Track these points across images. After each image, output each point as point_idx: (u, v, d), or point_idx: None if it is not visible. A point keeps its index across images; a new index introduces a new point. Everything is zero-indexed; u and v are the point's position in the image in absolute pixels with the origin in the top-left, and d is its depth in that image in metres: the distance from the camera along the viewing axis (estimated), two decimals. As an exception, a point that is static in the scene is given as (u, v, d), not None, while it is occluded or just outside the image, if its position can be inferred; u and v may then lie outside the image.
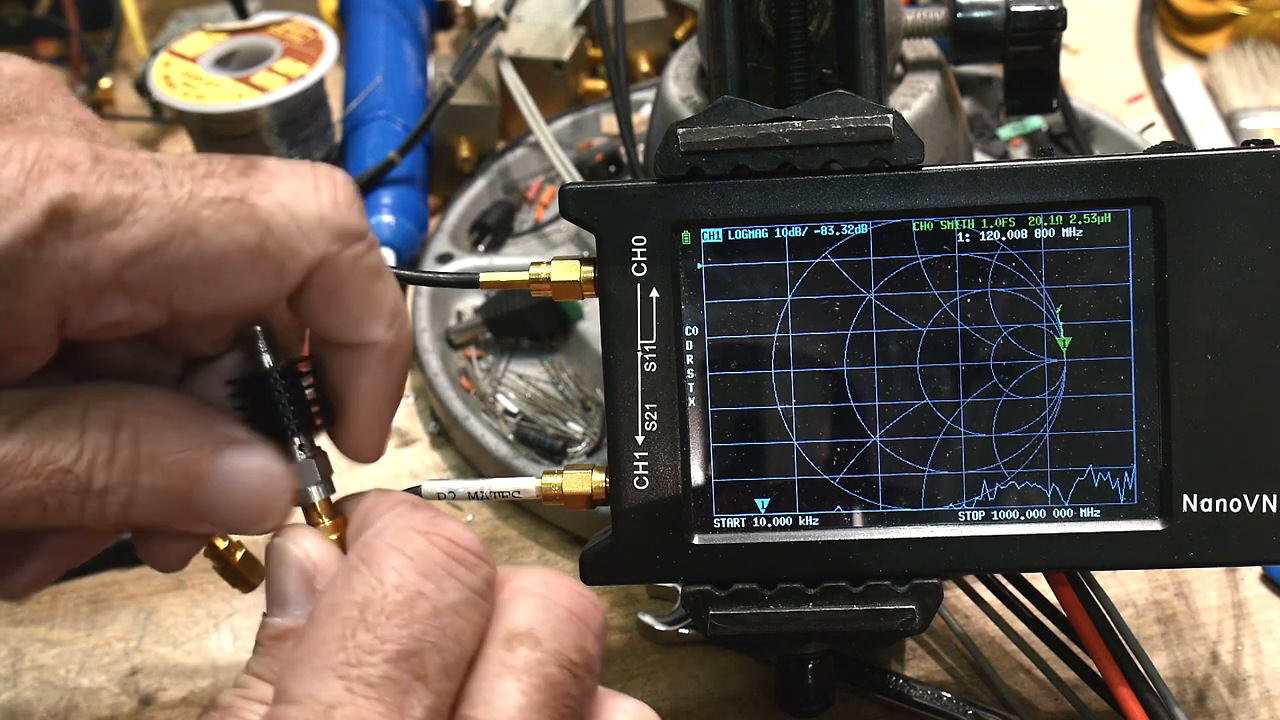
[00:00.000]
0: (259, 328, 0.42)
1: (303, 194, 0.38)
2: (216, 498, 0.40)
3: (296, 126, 0.84)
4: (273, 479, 0.40)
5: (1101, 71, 0.98)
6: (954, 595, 0.60)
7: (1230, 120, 0.90)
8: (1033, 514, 0.48)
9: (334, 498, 0.42)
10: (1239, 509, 0.47)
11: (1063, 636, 0.53)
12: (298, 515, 0.42)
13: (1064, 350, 0.48)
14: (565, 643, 0.37)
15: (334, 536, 0.41)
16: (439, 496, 0.50)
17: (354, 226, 0.39)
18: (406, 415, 0.76)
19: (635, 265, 0.48)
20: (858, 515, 0.49)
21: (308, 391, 0.42)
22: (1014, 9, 0.62)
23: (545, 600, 0.38)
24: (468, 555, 0.37)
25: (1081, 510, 0.48)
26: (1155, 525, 0.48)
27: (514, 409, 0.73)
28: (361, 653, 0.35)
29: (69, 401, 0.38)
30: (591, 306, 0.70)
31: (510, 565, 0.39)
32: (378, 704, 0.34)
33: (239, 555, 0.50)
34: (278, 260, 0.38)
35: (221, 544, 0.50)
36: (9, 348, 0.37)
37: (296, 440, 0.42)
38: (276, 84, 0.82)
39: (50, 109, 0.41)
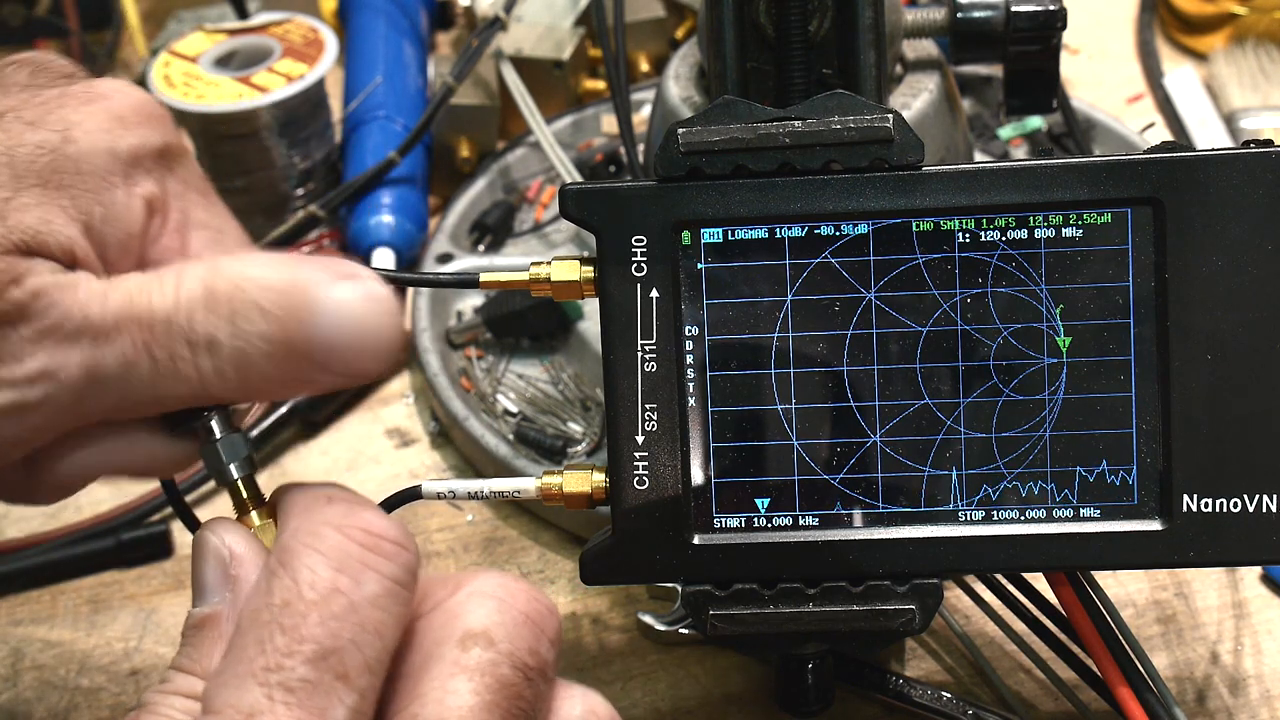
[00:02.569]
0: None
1: None
2: (325, 334, 0.38)
3: (296, 126, 0.84)
4: (379, 302, 0.39)
5: (1101, 71, 0.98)
6: (954, 595, 0.60)
7: (1230, 120, 0.90)
8: (1033, 514, 0.48)
9: (267, 494, 0.42)
10: (1239, 509, 0.47)
11: (1063, 636, 0.53)
12: (226, 508, 0.42)
13: (1064, 350, 0.48)
14: (520, 645, 0.37)
15: (269, 533, 0.40)
16: (439, 496, 0.50)
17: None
18: (406, 415, 0.76)
19: (635, 265, 0.48)
20: (858, 515, 0.49)
21: None
22: (1014, 9, 0.62)
23: (502, 603, 0.38)
24: (384, 544, 0.36)
25: (1081, 510, 0.48)
26: (1155, 525, 0.48)
27: (514, 409, 0.73)
28: (280, 656, 0.34)
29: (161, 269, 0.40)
30: (591, 306, 0.70)
31: (472, 568, 0.39)
32: (297, 709, 0.34)
33: None
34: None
35: None
36: None
37: (212, 417, 0.41)
38: (276, 84, 0.82)
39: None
